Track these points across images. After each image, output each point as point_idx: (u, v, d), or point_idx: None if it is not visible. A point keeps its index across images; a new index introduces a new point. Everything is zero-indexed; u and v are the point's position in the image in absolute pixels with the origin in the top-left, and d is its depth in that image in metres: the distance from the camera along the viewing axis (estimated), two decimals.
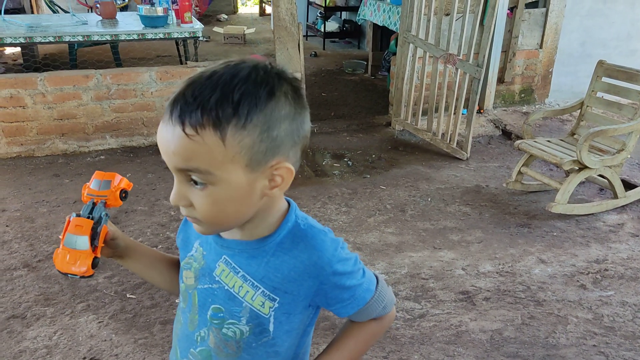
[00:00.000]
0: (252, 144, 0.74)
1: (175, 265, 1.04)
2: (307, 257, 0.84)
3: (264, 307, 0.86)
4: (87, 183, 0.96)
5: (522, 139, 3.75)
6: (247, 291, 0.86)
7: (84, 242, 0.89)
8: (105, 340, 2.24)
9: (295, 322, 0.89)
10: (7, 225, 3.11)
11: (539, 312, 2.47)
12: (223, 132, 0.72)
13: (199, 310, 0.91)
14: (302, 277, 0.85)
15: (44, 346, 2.20)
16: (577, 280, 2.71)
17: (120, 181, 0.97)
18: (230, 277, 0.87)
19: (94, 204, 0.94)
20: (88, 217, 0.92)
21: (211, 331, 0.90)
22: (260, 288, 0.86)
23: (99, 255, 0.91)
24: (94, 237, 0.90)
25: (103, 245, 0.93)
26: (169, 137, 0.74)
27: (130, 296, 2.52)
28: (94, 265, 0.89)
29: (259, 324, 0.87)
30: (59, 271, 0.89)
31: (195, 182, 0.76)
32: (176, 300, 2.29)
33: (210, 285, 0.90)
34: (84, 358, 2.14)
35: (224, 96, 0.72)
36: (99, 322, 2.34)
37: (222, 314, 0.88)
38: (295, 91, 0.79)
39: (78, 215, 0.92)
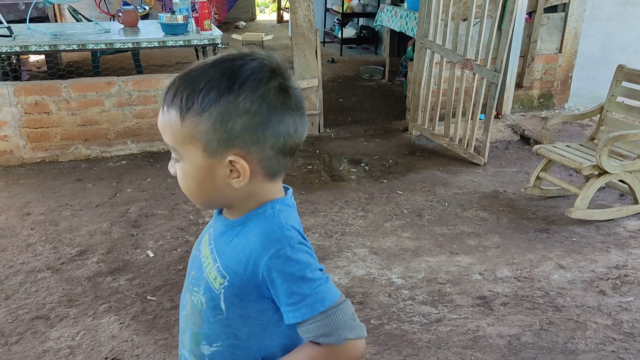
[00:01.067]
0: (206, 130, 0.81)
1: None
2: (254, 239, 0.86)
3: (215, 282, 0.90)
4: None
5: (540, 144, 3.73)
6: (209, 263, 0.92)
7: None
8: (127, 340, 2.28)
9: (251, 309, 0.89)
10: (31, 229, 3.18)
11: (557, 317, 2.45)
12: (182, 114, 0.81)
13: (187, 275, 0.99)
14: (248, 260, 0.85)
15: (67, 346, 2.25)
16: (597, 286, 2.69)
17: None
18: (205, 247, 0.96)
19: None
20: None
21: (190, 297, 0.96)
22: (217, 263, 0.91)
23: None
24: None
25: None
26: (163, 119, 0.86)
27: (151, 298, 2.56)
28: None
29: (211, 297, 0.91)
30: None
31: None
32: None
33: (196, 253, 0.98)
34: (106, 358, 2.19)
35: (192, 82, 0.81)
36: (121, 323, 2.39)
37: (193, 280, 0.96)
38: (281, 90, 0.82)
39: None
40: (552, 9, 5.07)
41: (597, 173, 3.25)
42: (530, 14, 4.92)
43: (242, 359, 0.93)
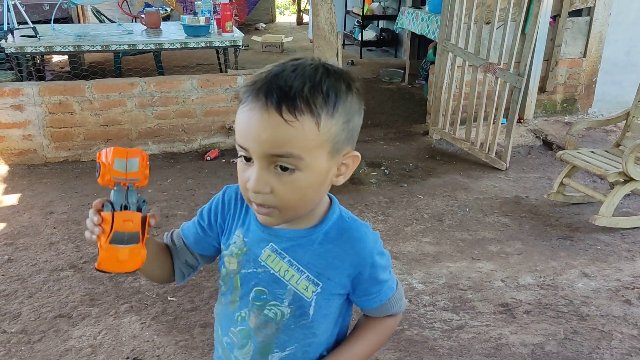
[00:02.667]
0: (337, 132, 0.82)
1: (165, 251, 1.04)
2: (351, 247, 0.92)
3: (307, 291, 0.92)
4: (104, 159, 0.81)
5: (563, 149, 3.68)
6: (293, 275, 0.92)
7: (135, 237, 0.83)
8: (148, 341, 2.29)
9: (333, 307, 0.95)
10: (54, 227, 3.22)
11: (582, 327, 2.41)
12: (319, 118, 0.79)
13: (240, 292, 0.96)
14: (344, 265, 0.92)
15: (88, 345, 2.27)
16: (622, 295, 2.64)
17: (145, 158, 0.84)
18: (276, 262, 0.92)
19: (124, 189, 0.83)
20: (124, 207, 0.83)
21: (252, 312, 0.95)
22: (305, 273, 0.91)
23: (144, 248, 0.86)
24: (142, 229, 0.84)
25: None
26: (263, 123, 0.78)
27: (172, 299, 2.57)
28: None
29: (300, 306, 0.92)
30: (105, 271, 0.84)
31: (282, 168, 0.80)
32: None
33: (254, 270, 0.94)
34: (127, 358, 2.20)
35: (314, 87, 0.79)
36: (142, 323, 2.40)
37: (265, 296, 0.94)
38: (359, 89, 0.86)
39: (110, 203, 0.82)
40: (577, 13, 5.00)
41: (622, 180, 3.19)
42: (555, 17, 4.86)
43: (311, 355, 0.97)
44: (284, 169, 0.80)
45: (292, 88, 0.77)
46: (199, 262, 1.05)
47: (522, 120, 4.98)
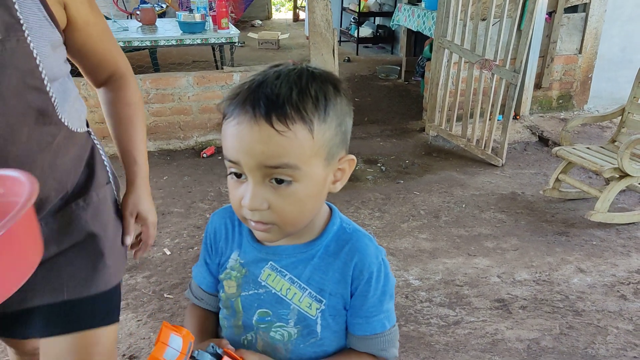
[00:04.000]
0: (331, 136, 0.78)
1: (208, 319, 1.02)
2: (351, 259, 0.86)
3: (311, 309, 0.87)
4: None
5: (559, 145, 3.69)
6: (295, 293, 0.87)
7: None
8: (144, 338, 2.29)
9: (340, 323, 0.90)
10: None
11: (577, 322, 2.42)
12: (311, 125, 0.74)
13: (243, 315, 0.92)
14: (346, 279, 0.87)
15: None
16: (618, 291, 2.65)
17: (167, 327, 0.81)
18: (277, 280, 0.88)
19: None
20: None
21: (258, 335, 0.91)
22: (307, 290, 0.87)
23: None
24: None
25: None
26: (254, 135, 0.73)
27: (168, 296, 2.57)
28: None
29: (306, 325, 0.88)
30: None
31: (278, 181, 0.76)
32: None
33: (255, 291, 0.90)
34: (124, 355, 2.19)
35: (302, 92, 0.74)
36: (138, 321, 2.40)
37: (269, 318, 0.89)
38: (346, 90, 0.82)
39: None
40: (573, 9, 5.01)
41: (618, 176, 3.20)
42: (550, 14, 4.86)
43: None
44: (280, 181, 0.76)
45: (279, 96, 0.73)
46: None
47: (518, 117, 4.99)
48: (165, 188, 3.72)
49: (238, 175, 0.79)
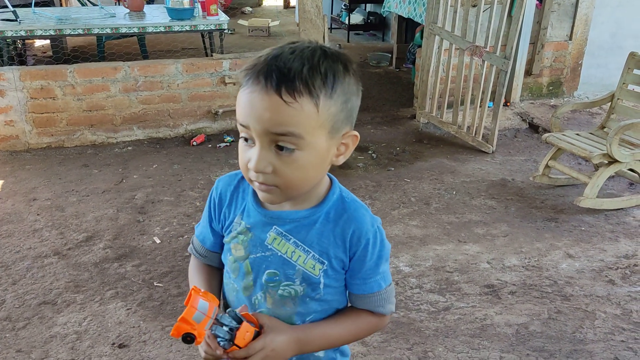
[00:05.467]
0: (336, 112, 0.85)
1: (212, 273, 1.10)
2: (349, 227, 0.95)
3: (314, 270, 0.96)
4: (192, 329, 0.87)
5: (549, 132, 3.69)
6: (300, 256, 0.95)
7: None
8: (134, 327, 2.28)
9: (340, 280, 0.99)
10: (37, 214, 3.18)
11: (566, 306, 2.44)
12: (317, 99, 0.81)
13: (253, 277, 0.99)
14: (344, 245, 0.96)
15: (74, 332, 2.25)
16: (606, 276, 2.67)
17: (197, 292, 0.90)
18: (282, 244, 0.96)
19: (217, 322, 0.90)
20: (229, 328, 0.90)
21: (268, 293, 0.98)
22: (310, 252, 0.95)
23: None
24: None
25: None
26: (264, 103, 0.80)
27: (158, 284, 2.56)
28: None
29: (310, 283, 0.97)
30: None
31: (281, 148, 0.83)
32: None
33: (263, 254, 0.97)
34: (113, 344, 2.19)
35: (313, 68, 0.81)
36: (128, 309, 2.39)
37: (277, 277, 0.97)
38: (356, 70, 0.88)
39: (223, 339, 0.90)
40: None
41: (607, 162, 3.21)
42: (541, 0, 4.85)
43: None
44: (285, 148, 0.83)
45: (291, 70, 0.79)
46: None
47: (508, 104, 4.99)
48: (155, 176, 3.70)
49: (247, 140, 0.86)
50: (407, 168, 3.90)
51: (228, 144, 4.26)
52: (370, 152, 4.16)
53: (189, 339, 0.87)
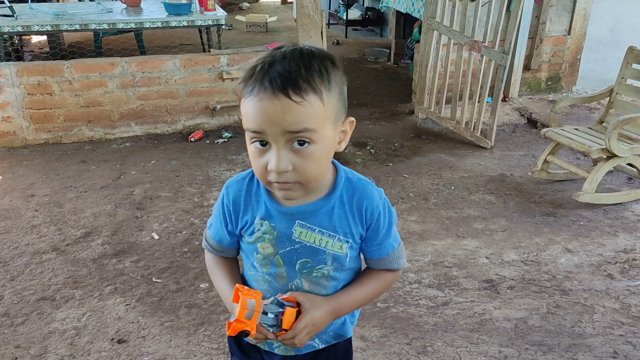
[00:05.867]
0: (336, 103, 0.93)
1: (233, 266, 1.19)
2: (362, 205, 1.04)
3: (342, 249, 1.06)
4: (250, 329, 0.98)
5: (548, 127, 3.69)
6: (327, 241, 1.04)
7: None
8: (133, 322, 2.28)
9: (357, 249, 1.10)
10: (36, 210, 3.17)
11: (564, 301, 2.44)
12: (321, 94, 0.89)
13: (286, 268, 1.07)
14: (361, 221, 1.05)
15: (72, 327, 2.25)
16: (605, 270, 2.67)
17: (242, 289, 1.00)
18: (309, 235, 1.04)
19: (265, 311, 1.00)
20: (274, 314, 1.01)
21: (303, 278, 1.08)
22: (336, 236, 1.04)
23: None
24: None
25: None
26: (277, 107, 0.86)
27: (156, 280, 2.56)
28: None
29: (339, 261, 1.07)
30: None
31: (300, 143, 0.90)
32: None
33: (292, 247, 1.05)
34: (112, 339, 2.18)
35: (308, 67, 0.88)
36: (126, 305, 2.38)
37: (310, 264, 1.06)
38: (339, 63, 0.96)
39: (269, 326, 1.01)
40: None
41: (605, 156, 3.21)
42: None
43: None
44: (302, 143, 0.89)
45: (291, 72, 0.86)
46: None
47: (507, 99, 4.99)
48: (153, 172, 3.69)
49: (262, 144, 0.91)
50: (406, 163, 3.90)
51: (226, 139, 4.25)
52: (368, 147, 4.15)
53: (244, 334, 0.97)
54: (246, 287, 1.00)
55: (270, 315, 0.99)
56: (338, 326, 1.17)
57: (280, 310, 1.00)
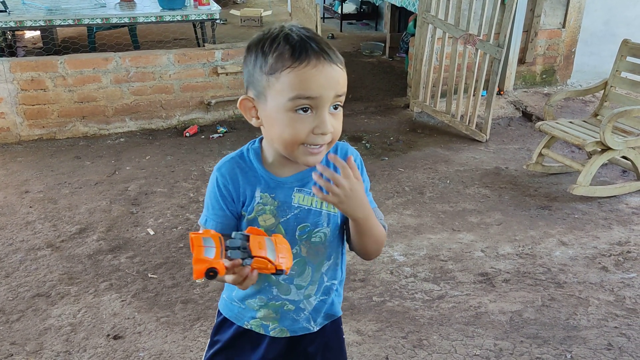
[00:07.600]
0: (345, 72, 1.01)
1: None
2: (344, 157, 1.05)
3: (334, 209, 1.08)
4: (211, 265, 0.91)
5: (543, 120, 3.70)
6: (322, 203, 1.09)
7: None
8: (128, 318, 2.28)
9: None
10: (30, 206, 3.16)
11: (559, 294, 2.45)
12: (342, 66, 1.00)
13: (286, 236, 1.08)
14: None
15: (68, 324, 2.25)
16: (599, 263, 2.68)
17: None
18: (306, 199, 1.09)
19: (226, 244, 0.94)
20: (236, 248, 0.94)
21: (302, 245, 1.11)
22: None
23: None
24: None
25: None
26: (334, 73, 0.97)
27: (152, 276, 2.55)
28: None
29: (334, 222, 1.12)
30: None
31: (334, 107, 0.99)
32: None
33: (292, 213, 1.09)
34: (108, 335, 2.18)
35: (324, 43, 0.98)
36: (122, 301, 2.38)
37: (308, 228, 1.10)
38: None
39: (241, 259, 0.94)
40: None
41: (600, 149, 3.22)
42: None
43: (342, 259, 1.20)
44: (336, 107, 0.99)
45: (326, 44, 0.97)
46: None
47: (502, 92, 4.99)
48: (148, 168, 3.68)
49: (305, 110, 0.96)
50: (401, 157, 3.90)
51: (221, 134, 4.24)
52: (364, 141, 4.15)
53: (211, 274, 0.90)
54: (200, 231, 0.95)
55: (236, 239, 0.94)
56: (328, 306, 1.19)
57: (246, 241, 0.95)
